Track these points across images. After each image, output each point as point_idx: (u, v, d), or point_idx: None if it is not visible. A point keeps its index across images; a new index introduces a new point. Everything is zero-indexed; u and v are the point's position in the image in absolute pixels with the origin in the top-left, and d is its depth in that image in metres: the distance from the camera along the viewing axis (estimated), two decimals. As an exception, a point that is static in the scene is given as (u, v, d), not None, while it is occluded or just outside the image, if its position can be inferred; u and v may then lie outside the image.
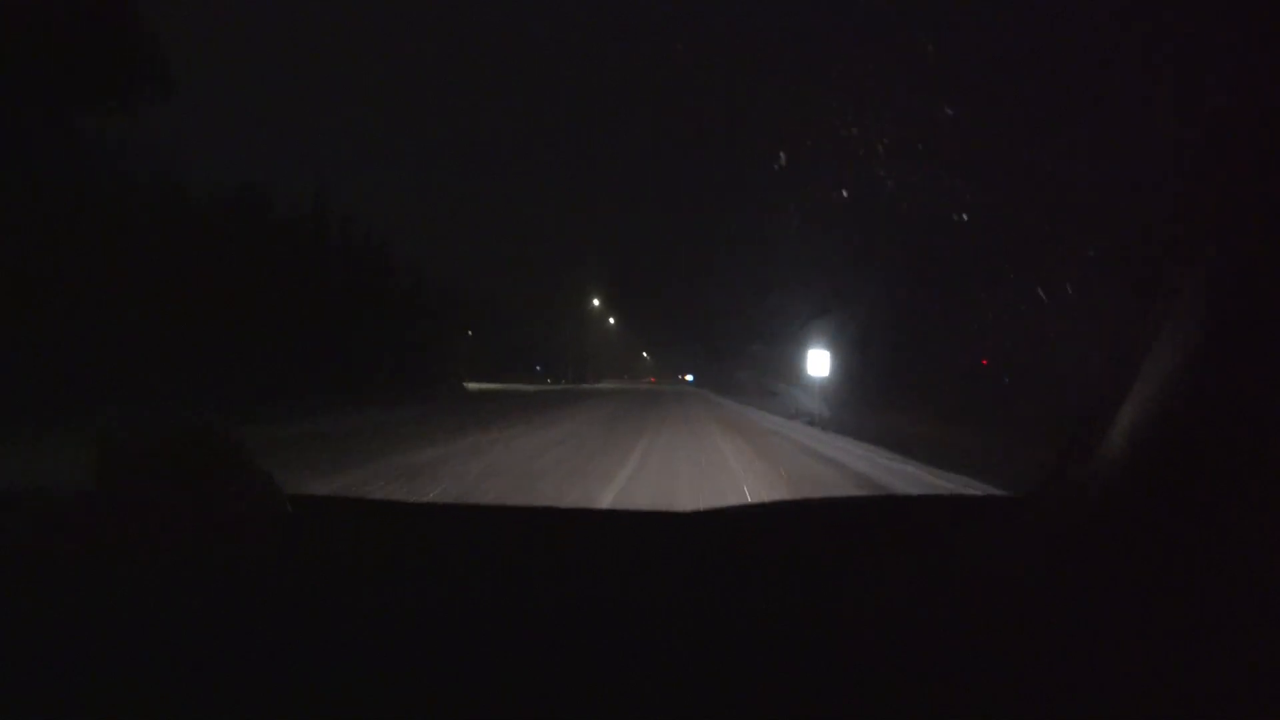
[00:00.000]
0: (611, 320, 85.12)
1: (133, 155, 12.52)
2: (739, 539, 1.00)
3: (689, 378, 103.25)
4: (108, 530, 0.80)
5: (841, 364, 17.56)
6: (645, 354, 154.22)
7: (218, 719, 0.61)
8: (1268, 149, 0.58)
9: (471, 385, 38.07)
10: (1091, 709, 0.58)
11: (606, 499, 5.27)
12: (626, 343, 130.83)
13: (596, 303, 70.71)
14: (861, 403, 16.81)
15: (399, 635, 0.70)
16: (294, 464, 6.54)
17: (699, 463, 7.85)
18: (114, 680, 0.64)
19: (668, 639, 0.69)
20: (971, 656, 0.64)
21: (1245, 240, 0.59)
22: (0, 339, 9.27)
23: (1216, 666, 0.56)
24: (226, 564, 0.82)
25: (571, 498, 5.28)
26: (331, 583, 0.81)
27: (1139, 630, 0.61)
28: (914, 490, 6.29)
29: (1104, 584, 0.65)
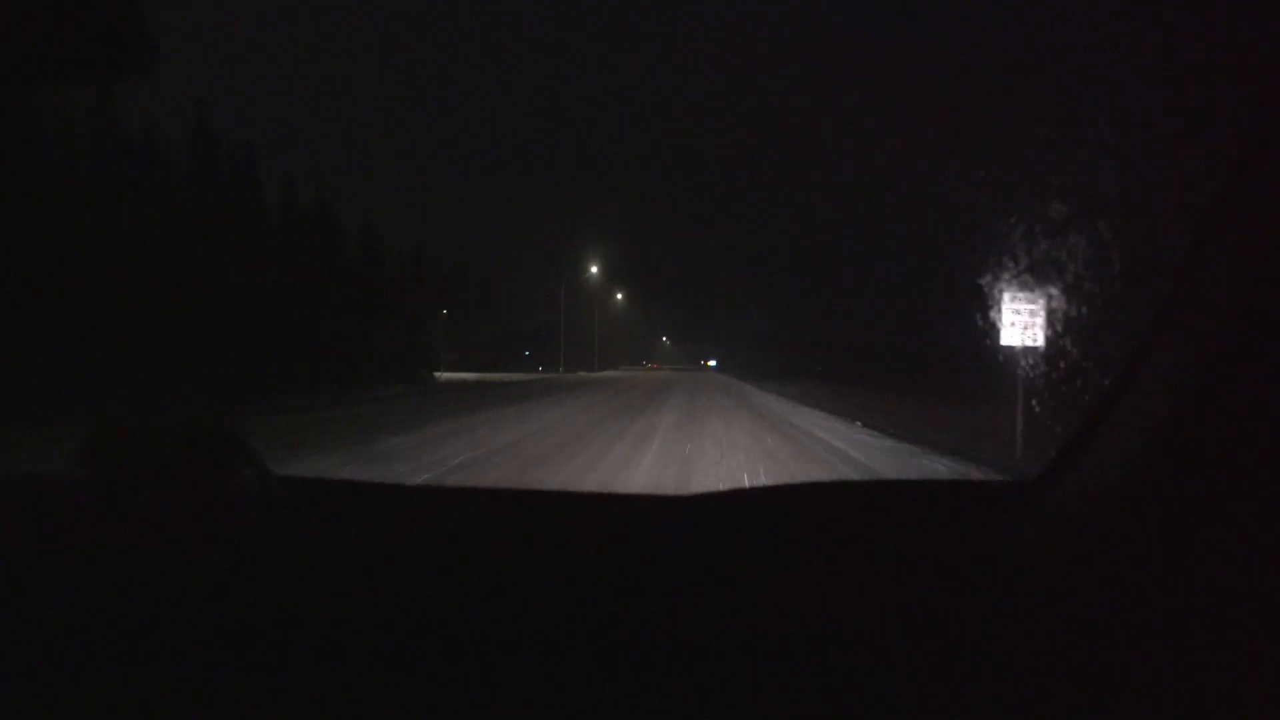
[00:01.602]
0: (620, 296, 74.11)
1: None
2: (738, 526, 0.96)
3: (712, 363, 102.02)
4: (96, 517, 0.83)
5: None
6: (665, 339, 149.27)
7: (208, 715, 0.62)
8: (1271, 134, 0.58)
9: (445, 376, 32.94)
10: (1097, 709, 0.59)
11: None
12: (643, 327, 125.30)
13: (595, 270, 52.79)
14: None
15: (392, 627, 0.69)
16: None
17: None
18: (103, 672, 0.65)
19: (667, 634, 0.68)
20: (975, 651, 0.64)
21: (1251, 230, 0.58)
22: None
23: (1224, 668, 0.56)
24: (218, 549, 0.81)
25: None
26: (323, 569, 0.81)
27: (1146, 628, 0.61)
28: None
29: (1110, 576, 0.65)
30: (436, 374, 31.24)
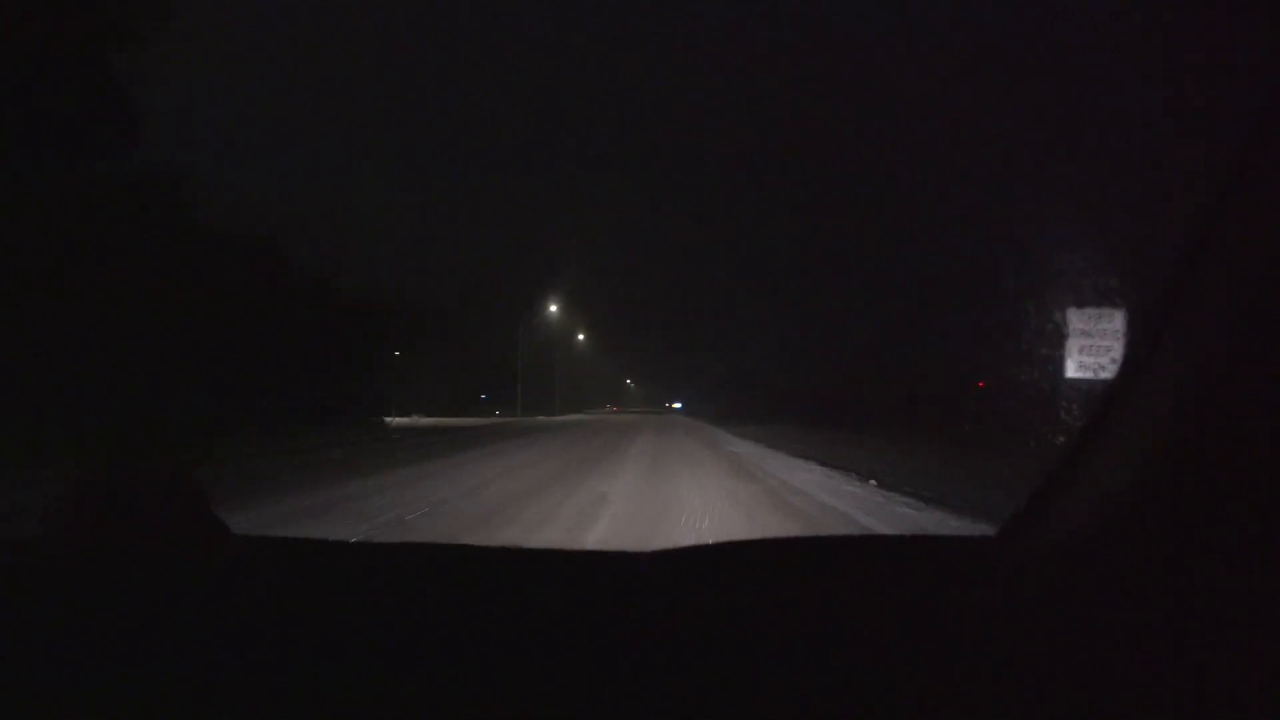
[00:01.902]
0: (581, 337, 70.67)
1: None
2: (698, 585, 0.94)
3: (677, 405, 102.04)
4: (65, 580, 0.84)
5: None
6: (630, 381, 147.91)
7: None
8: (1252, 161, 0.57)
9: (399, 421, 30.67)
10: None
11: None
12: (607, 370, 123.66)
13: (554, 309, 48.37)
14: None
15: (342, 684, 0.69)
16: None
17: None
18: None
19: (620, 690, 0.67)
20: (936, 706, 0.64)
21: (1209, 286, 0.59)
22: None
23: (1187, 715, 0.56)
24: (169, 603, 0.82)
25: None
26: (277, 627, 0.80)
27: (1105, 682, 0.60)
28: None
29: (1066, 631, 0.65)
30: (388, 419, 28.93)
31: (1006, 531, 0.79)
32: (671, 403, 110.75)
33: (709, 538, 5.61)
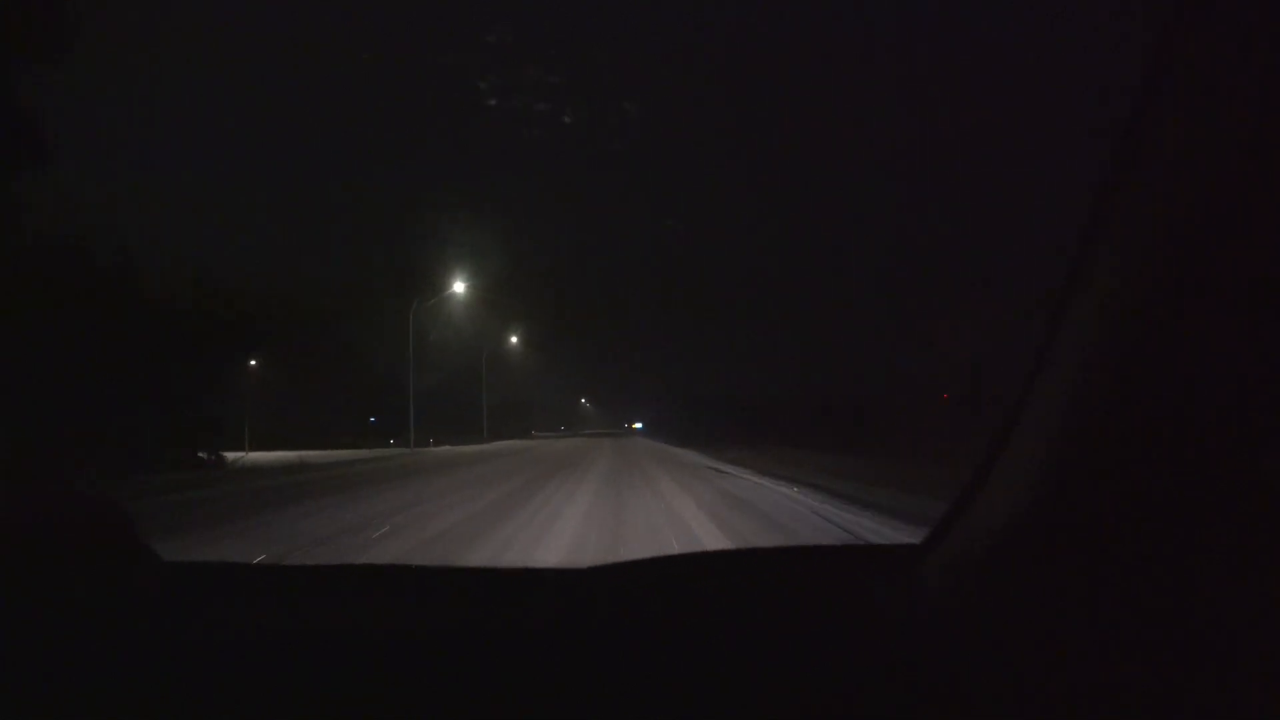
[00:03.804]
0: (514, 340, 52.13)
1: None
2: (630, 600, 0.93)
3: (638, 425, 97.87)
4: None
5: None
6: (585, 400, 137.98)
7: None
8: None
9: (252, 456, 23.18)
10: None
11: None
12: (560, 389, 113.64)
13: (460, 288, 30.16)
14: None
15: (276, 708, 0.69)
16: None
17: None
18: None
19: (555, 703, 0.68)
20: (855, 707, 0.65)
21: (1121, 255, 0.57)
22: None
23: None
24: (100, 635, 0.80)
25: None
26: (208, 654, 0.79)
27: (1015, 686, 0.61)
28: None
29: (977, 635, 0.66)
30: (228, 455, 21.41)
31: (930, 540, 0.81)
32: (632, 423, 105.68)
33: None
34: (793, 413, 29.03)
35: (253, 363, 27.08)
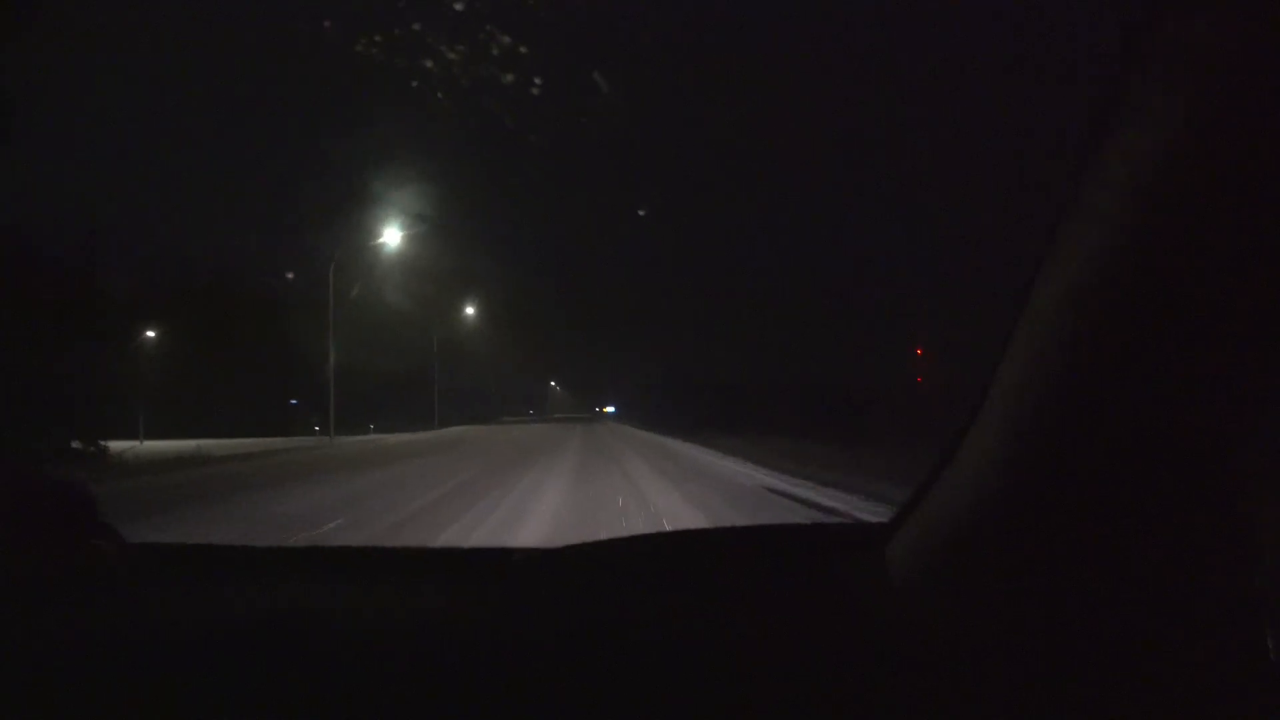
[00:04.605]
0: (470, 311, 45.90)
1: None
2: (596, 580, 0.94)
3: (610, 409, 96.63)
4: None
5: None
6: (554, 384, 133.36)
7: None
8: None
9: (147, 446, 20.10)
10: None
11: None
12: (527, 372, 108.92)
13: (393, 239, 24.88)
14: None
15: (247, 691, 0.68)
16: None
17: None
18: None
19: (528, 687, 0.68)
20: (820, 683, 0.65)
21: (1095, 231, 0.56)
22: None
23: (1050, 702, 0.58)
24: (64, 619, 0.79)
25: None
26: (178, 634, 0.79)
27: (974, 666, 0.62)
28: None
29: (939, 615, 0.67)
30: (116, 445, 18.37)
31: (896, 518, 0.81)
32: (603, 406, 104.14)
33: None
34: (768, 397, 28.20)
35: (149, 334, 23.70)
